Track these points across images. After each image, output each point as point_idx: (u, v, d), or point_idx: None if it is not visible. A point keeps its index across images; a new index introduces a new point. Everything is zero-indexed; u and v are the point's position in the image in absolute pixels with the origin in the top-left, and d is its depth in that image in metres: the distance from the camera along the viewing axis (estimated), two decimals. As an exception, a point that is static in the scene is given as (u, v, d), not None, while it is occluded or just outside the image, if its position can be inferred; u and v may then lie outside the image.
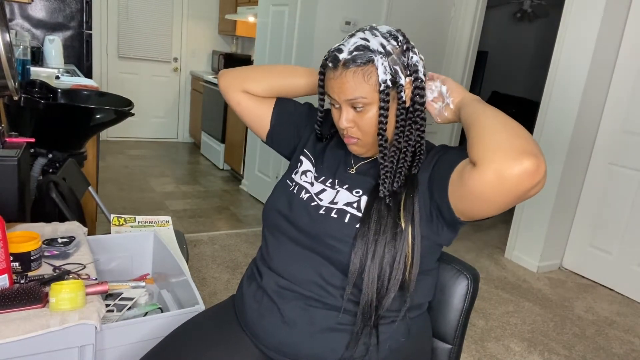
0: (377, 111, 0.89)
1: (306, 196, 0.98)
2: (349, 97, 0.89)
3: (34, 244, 1.06)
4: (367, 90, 0.88)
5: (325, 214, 0.93)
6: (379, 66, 0.87)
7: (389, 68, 0.87)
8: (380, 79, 0.87)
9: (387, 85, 0.87)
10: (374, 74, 0.87)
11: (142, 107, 5.36)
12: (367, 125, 0.91)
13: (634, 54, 2.88)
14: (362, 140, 0.94)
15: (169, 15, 5.44)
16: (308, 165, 1.05)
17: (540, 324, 2.51)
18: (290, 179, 1.05)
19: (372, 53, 0.87)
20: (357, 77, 0.88)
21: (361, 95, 0.88)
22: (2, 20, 1.34)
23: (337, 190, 0.96)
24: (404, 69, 0.89)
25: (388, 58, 0.87)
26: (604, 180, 3.06)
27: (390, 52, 0.88)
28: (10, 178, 1.19)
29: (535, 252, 3.18)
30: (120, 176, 4.19)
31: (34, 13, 4.02)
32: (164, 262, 1.45)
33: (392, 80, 0.88)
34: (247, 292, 1.01)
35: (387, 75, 0.87)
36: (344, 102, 0.90)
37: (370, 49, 0.87)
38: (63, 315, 0.90)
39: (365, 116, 0.90)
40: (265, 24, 3.76)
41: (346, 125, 0.92)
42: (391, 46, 0.88)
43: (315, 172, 1.03)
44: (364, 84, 0.88)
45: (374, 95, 0.88)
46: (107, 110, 2.11)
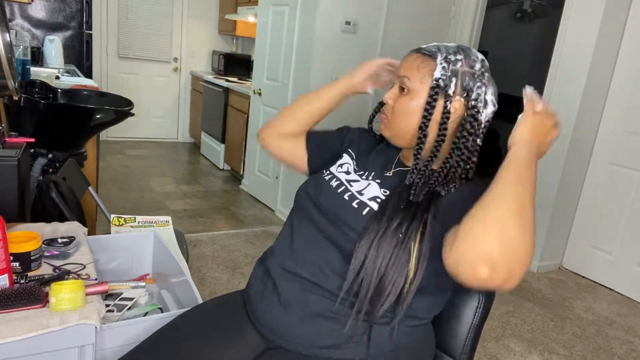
0: (416, 103, 0.94)
1: (336, 183, 1.01)
2: (401, 73, 0.97)
3: (34, 244, 1.06)
4: (415, 76, 0.94)
5: (348, 201, 0.94)
6: (438, 65, 0.92)
7: (447, 73, 0.91)
8: (434, 76, 0.92)
9: (438, 85, 0.91)
10: (429, 67, 0.93)
11: (142, 107, 5.36)
12: (401, 108, 0.96)
13: (634, 54, 2.88)
14: (390, 122, 0.99)
15: (169, 15, 5.44)
16: (348, 159, 1.08)
17: (540, 324, 2.51)
18: (327, 169, 1.08)
19: (440, 53, 0.94)
20: (415, 61, 0.95)
21: (407, 76, 0.95)
22: (2, 20, 1.34)
23: (369, 183, 0.98)
24: (460, 88, 0.92)
25: (450, 66, 0.92)
26: (604, 180, 3.06)
27: (457, 65, 0.92)
28: (10, 178, 1.19)
29: (535, 252, 3.17)
30: (120, 176, 4.19)
31: (34, 13, 4.02)
32: (164, 262, 1.45)
33: (444, 84, 0.91)
34: (255, 273, 1.03)
35: (441, 77, 0.91)
36: (397, 78, 0.98)
37: (440, 49, 0.95)
38: (63, 315, 0.90)
39: (403, 99, 0.96)
40: (265, 24, 3.76)
41: (387, 98, 0.99)
42: (463, 63, 0.93)
43: (355, 166, 1.06)
44: (415, 70, 0.94)
45: (418, 86, 0.94)
46: (107, 110, 2.11)
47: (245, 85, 4.45)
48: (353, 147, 1.12)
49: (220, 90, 4.70)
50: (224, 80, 4.71)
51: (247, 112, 4.15)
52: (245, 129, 4.18)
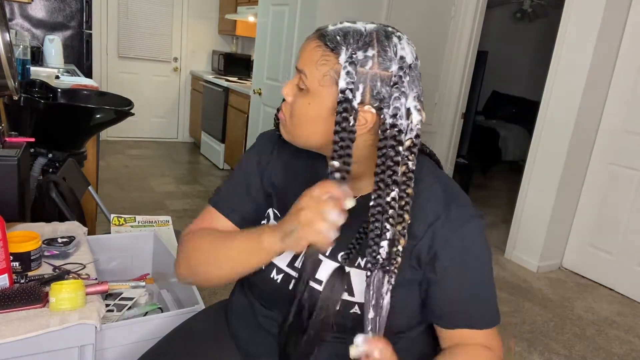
0: (315, 111, 0.75)
1: (279, 277, 0.83)
2: (298, 65, 0.76)
3: (34, 243, 1.06)
4: (313, 73, 0.73)
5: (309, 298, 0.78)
6: (342, 67, 0.70)
7: (352, 78, 0.70)
8: (339, 86, 0.70)
9: (346, 98, 0.69)
10: (329, 65, 0.72)
11: (142, 107, 5.35)
12: (296, 110, 0.77)
13: (634, 54, 2.88)
14: (288, 123, 0.79)
15: (169, 15, 5.44)
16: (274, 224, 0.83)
17: (540, 324, 2.51)
18: None
19: (345, 46, 0.71)
20: (314, 53, 0.73)
21: (304, 72, 0.74)
22: (2, 20, 1.34)
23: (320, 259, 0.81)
24: (369, 96, 0.71)
25: (358, 68, 0.70)
26: (604, 180, 3.06)
27: (366, 67, 0.70)
28: (10, 178, 1.19)
29: (535, 252, 3.18)
30: (120, 176, 4.19)
31: (34, 13, 4.02)
32: (164, 262, 1.45)
33: (351, 95, 0.70)
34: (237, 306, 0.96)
35: (347, 86, 0.70)
36: (296, 69, 0.77)
37: (347, 41, 0.71)
38: (63, 315, 0.90)
39: (301, 100, 0.76)
40: (265, 24, 3.76)
41: (285, 93, 0.78)
42: (374, 63, 0.70)
43: None
44: (313, 65, 0.73)
45: (315, 86, 0.73)
46: (107, 110, 2.11)
47: (245, 85, 4.45)
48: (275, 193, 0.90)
49: (220, 90, 4.70)
50: (224, 80, 4.71)
51: (247, 112, 4.15)
52: (245, 129, 4.18)
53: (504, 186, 5.43)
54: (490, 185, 5.49)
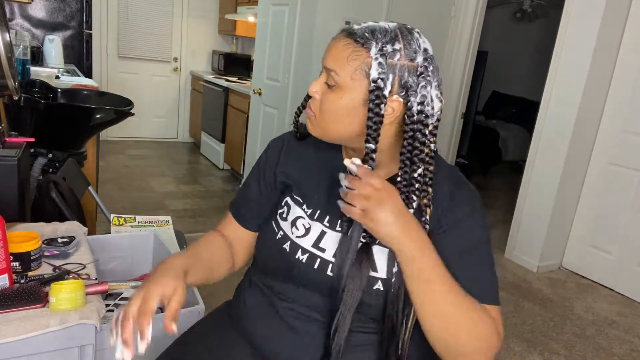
0: (347, 102, 0.79)
1: (305, 257, 0.86)
2: (327, 64, 0.80)
3: (34, 243, 1.06)
4: (345, 69, 0.78)
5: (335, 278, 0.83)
6: (373, 59, 0.76)
7: (384, 69, 0.76)
8: (371, 76, 0.76)
9: (378, 87, 0.75)
10: (361, 59, 0.76)
11: (142, 107, 5.35)
12: (327, 105, 0.81)
13: (634, 55, 2.88)
14: (317, 119, 0.83)
15: (169, 15, 5.44)
16: (296, 209, 0.91)
17: (540, 324, 2.51)
18: (278, 226, 0.92)
19: (375, 42, 0.76)
20: (344, 51, 0.78)
21: (335, 71, 0.78)
22: (2, 20, 1.34)
23: (340, 237, 0.85)
24: (398, 86, 0.77)
25: (388, 60, 0.76)
26: (604, 180, 3.06)
27: (395, 58, 0.76)
28: (10, 178, 1.19)
29: (535, 252, 3.18)
30: (120, 176, 4.19)
31: (34, 13, 4.02)
32: (164, 262, 1.45)
33: (383, 85, 0.76)
34: (251, 304, 0.96)
35: (379, 76, 0.76)
36: (324, 69, 0.82)
37: (375, 36, 0.76)
38: (63, 315, 0.90)
39: (331, 96, 0.80)
40: (265, 23, 3.76)
41: (313, 90, 0.83)
42: (402, 55, 0.76)
43: (307, 208, 0.90)
44: (344, 62, 0.78)
45: (348, 82, 0.78)
46: (107, 110, 2.11)
47: (245, 85, 4.45)
48: (292, 183, 0.94)
49: (220, 90, 4.70)
50: (224, 80, 4.71)
51: (247, 112, 4.15)
52: (245, 129, 4.17)
53: (504, 186, 5.43)
54: (490, 185, 5.49)
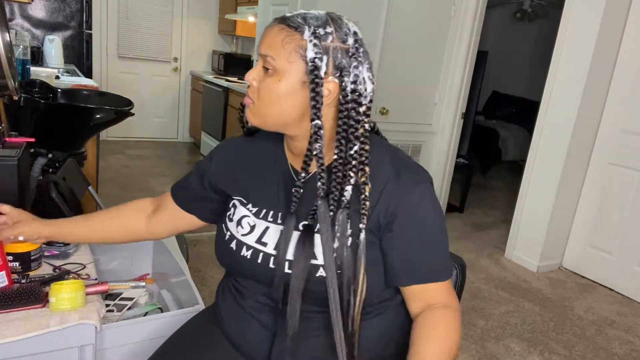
0: (286, 85, 0.80)
1: (249, 253, 0.89)
2: (262, 51, 0.82)
3: (34, 243, 1.06)
4: (280, 54, 0.79)
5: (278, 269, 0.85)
6: (308, 41, 0.78)
7: (319, 50, 0.78)
8: (308, 56, 0.78)
9: (315, 66, 0.78)
10: (295, 42, 0.79)
11: (142, 107, 5.35)
12: (265, 91, 0.82)
13: (634, 54, 2.88)
14: (256, 106, 0.84)
15: (169, 15, 5.44)
16: (241, 209, 0.93)
17: (540, 324, 2.51)
18: (226, 227, 0.95)
19: (307, 26, 0.79)
20: (278, 36, 0.80)
21: (271, 55, 0.80)
22: (2, 20, 1.34)
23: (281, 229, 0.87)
24: (332, 67, 0.80)
25: (321, 42, 0.79)
26: (604, 180, 3.06)
27: (328, 40, 0.79)
28: (10, 178, 1.18)
29: (535, 252, 3.17)
30: (120, 176, 4.19)
31: (34, 13, 4.02)
32: (164, 262, 1.45)
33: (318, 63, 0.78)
34: (224, 306, 0.99)
35: (316, 56, 0.78)
36: (260, 56, 0.83)
37: (307, 21, 0.80)
38: (63, 315, 0.90)
39: (269, 81, 0.81)
40: (265, 23, 3.75)
41: (250, 78, 0.84)
42: (334, 37, 0.80)
43: (252, 207, 0.92)
44: (279, 46, 0.80)
45: (285, 65, 0.79)
46: (107, 110, 2.11)
47: (245, 85, 4.44)
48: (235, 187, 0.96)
49: (220, 90, 4.70)
50: (224, 80, 4.71)
51: (247, 112, 4.14)
52: (245, 129, 4.17)
53: (504, 186, 5.43)
54: (490, 185, 5.49)
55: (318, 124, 0.79)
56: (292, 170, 0.92)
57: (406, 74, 3.49)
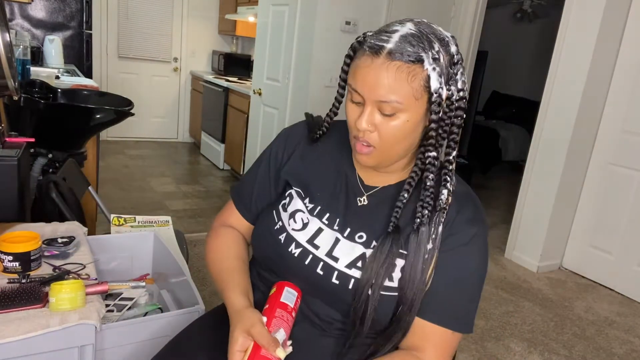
0: (413, 122, 0.76)
1: (297, 251, 0.86)
2: (382, 98, 0.74)
3: (34, 244, 1.06)
4: (406, 94, 0.73)
5: (325, 276, 0.82)
6: (430, 71, 0.73)
7: (441, 76, 0.74)
8: (432, 87, 0.73)
9: (440, 96, 0.74)
10: (419, 76, 0.73)
11: (142, 107, 5.36)
12: (391, 133, 0.76)
13: (634, 54, 2.88)
14: (378, 150, 0.79)
15: (169, 15, 5.44)
16: (297, 202, 0.90)
17: (540, 324, 2.51)
18: (278, 216, 0.91)
19: (424, 51, 0.72)
20: (400, 75, 0.72)
21: (397, 100, 0.73)
22: (2, 20, 1.34)
23: (336, 237, 0.85)
24: (446, 82, 0.76)
25: (439, 64, 0.74)
26: (604, 180, 3.06)
27: (441, 59, 0.74)
28: (10, 178, 1.19)
29: (535, 252, 3.18)
30: (120, 176, 4.19)
31: (34, 13, 4.02)
32: (164, 262, 1.45)
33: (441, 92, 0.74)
34: None
35: (440, 85, 0.74)
36: (373, 101, 0.75)
37: (422, 46, 0.73)
38: (63, 315, 0.90)
39: (391, 123, 0.75)
40: (265, 24, 3.76)
41: (365, 127, 0.76)
42: (442, 53, 0.75)
43: (309, 203, 0.89)
44: (405, 85, 0.73)
45: (410, 102, 0.74)
46: (107, 110, 2.11)
47: (245, 85, 4.45)
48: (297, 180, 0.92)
49: (220, 90, 4.70)
50: (224, 80, 4.71)
51: (247, 112, 4.15)
52: (245, 129, 4.18)
53: (504, 186, 5.43)
54: (490, 185, 5.49)
55: (434, 155, 0.78)
56: (360, 181, 0.88)
57: (406, 74, 3.49)
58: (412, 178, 0.82)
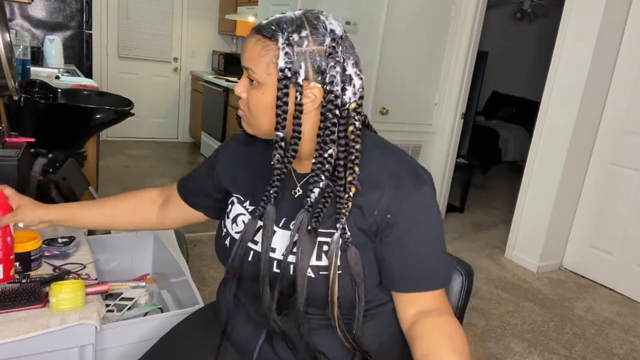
0: (267, 98, 0.80)
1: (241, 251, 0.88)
2: (244, 64, 0.82)
3: (34, 243, 1.06)
4: (258, 66, 0.79)
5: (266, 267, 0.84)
6: (280, 50, 0.77)
7: (292, 58, 0.77)
8: (278, 66, 0.77)
9: (285, 76, 0.77)
10: (271, 53, 0.78)
11: (142, 107, 5.35)
12: (253, 103, 0.83)
13: (634, 54, 2.88)
14: (247, 117, 0.86)
15: (169, 15, 5.44)
16: (237, 207, 0.94)
17: (540, 324, 2.51)
18: (223, 224, 0.96)
19: (281, 32, 0.77)
20: (255, 48, 0.80)
21: (252, 69, 0.80)
22: (2, 20, 1.34)
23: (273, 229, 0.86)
24: (312, 72, 0.78)
25: (295, 48, 0.77)
26: (604, 180, 3.06)
27: (303, 46, 0.77)
28: (10, 178, 1.19)
29: (535, 252, 3.17)
30: (120, 176, 4.19)
31: (34, 13, 4.02)
32: (164, 262, 1.45)
33: (291, 73, 0.77)
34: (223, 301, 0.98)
35: (286, 65, 0.77)
36: (245, 69, 0.82)
37: (282, 27, 0.78)
38: (63, 315, 0.90)
39: (254, 93, 0.82)
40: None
41: (238, 91, 0.84)
42: (310, 41, 0.77)
43: (250, 205, 0.92)
44: (257, 59, 0.79)
45: (264, 77, 0.79)
46: (107, 110, 2.11)
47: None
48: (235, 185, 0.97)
49: (220, 90, 4.70)
50: (224, 80, 4.71)
51: (247, 112, 4.14)
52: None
53: (504, 186, 5.43)
54: (490, 185, 5.49)
55: (279, 135, 0.80)
56: (295, 173, 0.91)
57: (406, 74, 3.49)
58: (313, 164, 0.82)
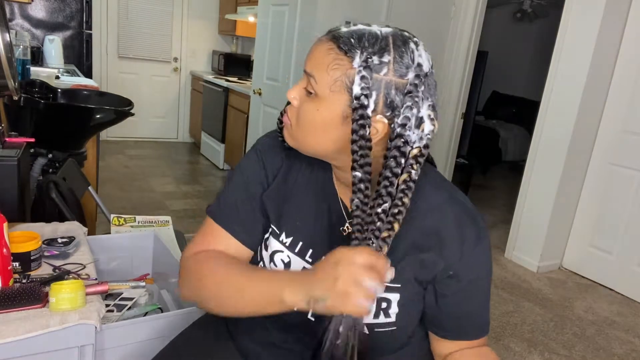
0: (322, 117, 0.70)
1: None
2: (307, 68, 0.71)
3: (34, 244, 1.06)
4: (323, 78, 0.69)
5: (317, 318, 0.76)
6: (356, 72, 0.66)
7: (367, 84, 0.66)
8: (353, 92, 0.67)
9: (361, 104, 0.66)
10: (342, 70, 0.67)
11: (142, 107, 5.35)
12: (304, 116, 0.72)
13: (634, 54, 2.88)
14: (293, 129, 0.75)
15: (169, 15, 5.44)
16: (274, 242, 0.81)
17: (540, 323, 2.51)
18: (260, 254, 0.84)
19: (360, 49, 0.67)
20: (326, 57, 0.69)
21: (315, 77, 0.69)
22: (2, 20, 1.34)
23: None
24: (382, 105, 0.68)
25: (373, 74, 0.66)
26: (604, 180, 3.06)
27: (381, 73, 0.67)
28: (10, 178, 1.19)
29: (535, 252, 3.17)
30: (120, 176, 4.19)
31: (34, 13, 4.01)
32: (164, 262, 1.45)
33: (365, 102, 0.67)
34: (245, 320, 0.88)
35: (362, 92, 0.66)
36: (305, 73, 0.73)
37: (362, 44, 0.67)
38: (63, 315, 0.90)
39: (308, 105, 0.71)
40: (265, 24, 3.76)
41: (291, 97, 0.74)
42: (390, 70, 0.67)
43: (286, 237, 0.80)
44: (324, 70, 0.69)
45: (325, 92, 0.69)
46: (107, 110, 2.11)
47: (245, 85, 4.45)
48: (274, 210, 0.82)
49: (220, 90, 4.70)
50: (224, 80, 4.71)
51: (247, 112, 4.15)
52: (245, 129, 4.18)
53: (504, 186, 5.43)
54: (490, 185, 5.49)
55: (357, 175, 0.66)
56: (343, 205, 0.80)
57: (406, 74, 3.49)
58: None
